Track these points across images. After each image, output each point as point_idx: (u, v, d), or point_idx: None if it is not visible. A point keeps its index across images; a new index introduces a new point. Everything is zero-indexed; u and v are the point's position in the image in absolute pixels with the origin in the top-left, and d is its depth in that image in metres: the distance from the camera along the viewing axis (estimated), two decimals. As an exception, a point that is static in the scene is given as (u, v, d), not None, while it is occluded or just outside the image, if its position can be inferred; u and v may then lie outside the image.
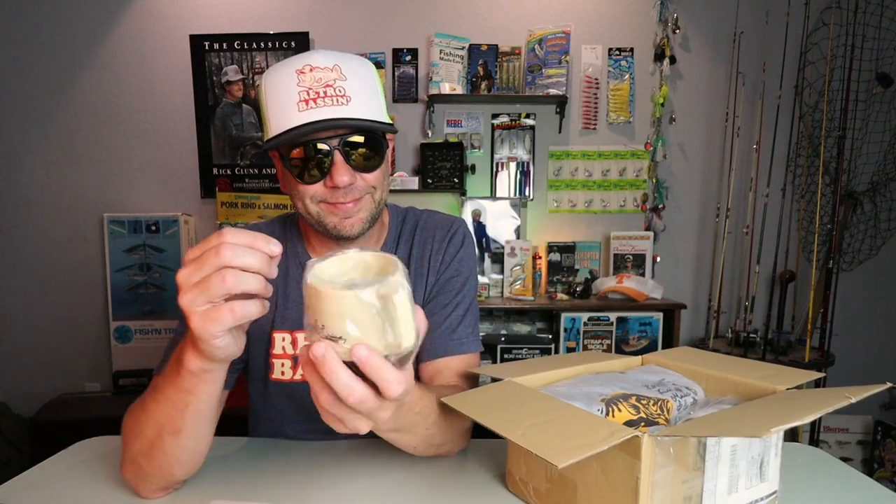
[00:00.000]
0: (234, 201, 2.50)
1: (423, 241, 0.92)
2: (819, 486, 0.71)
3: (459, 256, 0.91)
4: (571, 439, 0.51)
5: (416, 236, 0.93)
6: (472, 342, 0.89)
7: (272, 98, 0.74)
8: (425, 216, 0.96)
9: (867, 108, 2.43)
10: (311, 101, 0.71)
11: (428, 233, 0.93)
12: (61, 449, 0.84)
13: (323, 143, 0.73)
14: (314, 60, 0.73)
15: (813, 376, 0.70)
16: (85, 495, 0.71)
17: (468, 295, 0.91)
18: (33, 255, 2.60)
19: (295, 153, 0.74)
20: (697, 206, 2.63)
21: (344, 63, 0.74)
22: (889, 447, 2.44)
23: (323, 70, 0.72)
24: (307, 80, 0.72)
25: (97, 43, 2.54)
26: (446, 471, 0.76)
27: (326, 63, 0.73)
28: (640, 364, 0.83)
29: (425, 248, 0.92)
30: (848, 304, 2.53)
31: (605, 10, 2.54)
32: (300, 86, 0.71)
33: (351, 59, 0.76)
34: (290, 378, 0.87)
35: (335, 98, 0.71)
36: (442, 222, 0.94)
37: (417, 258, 0.91)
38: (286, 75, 0.73)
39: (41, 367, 2.61)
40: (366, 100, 0.74)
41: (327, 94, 0.71)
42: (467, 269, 0.92)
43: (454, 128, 2.59)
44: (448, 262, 0.91)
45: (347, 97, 0.72)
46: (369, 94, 0.75)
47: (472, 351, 0.89)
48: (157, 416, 0.63)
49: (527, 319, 2.41)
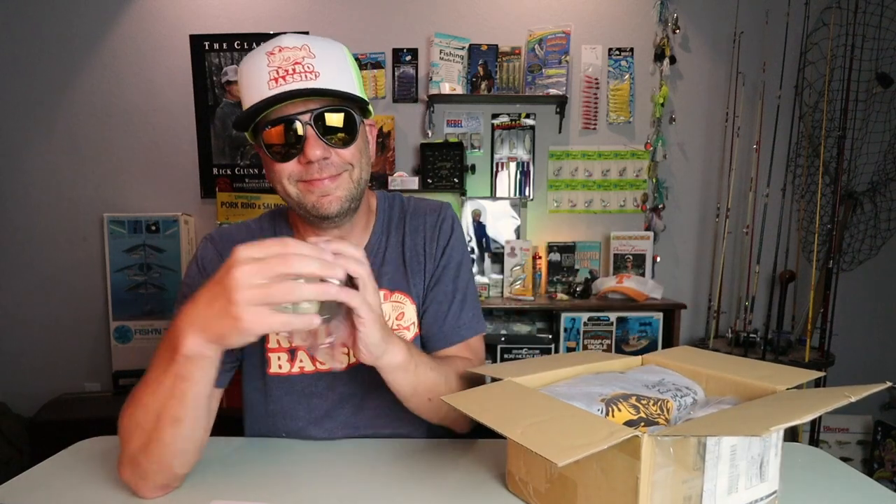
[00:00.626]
0: (234, 201, 2.50)
1: (414, 230, 0.93)
2: (819, 486, 0.71)
3: (451, 242, 0.93)
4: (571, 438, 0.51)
5: (407, 224, 0.94)
6: (478, 323, 0.94)
7: (245, 83, 0.76)
8: (412, 203, 0.97)
9: (867, 108, 2.43)
10: (281, 79, 0.72)
11: (418, 220, 0.94)
12: (61, 449, 0.84)
13: (295, 119, 0.74)
14: (283, 42, 0.74)
15: (813, 375, 0.70)
16: (85, 495, 0.71)
17: (464, 278, 0.94)
18: (33, 255, 2.60)
19: (269, 133, 0.75)
20: (697, 206, 2.63)
21: (313, 43, 0.75)
22: (889, 447, 2.44)
23: (292, 49, 0.74)
24: (276, 60, 0.73)
25: (97, 43, 2.54)
26: (446, 471, 0.76)
27: (295, 43, 0.74)
28: (640, 364, 0.83)
29: (417, 237, 0.93)
30: (848, 304, 2.53)
31: (605, 10, 2.54)
32: (270, 66, 0.73)
33: (321, 40, 0.77)
34: (287, 371, 0.87)
35: (304, 73, 0.73)
36: (430, 209, 0.96)
37: (411, 248, 0.92)
38: (257, 58, 0.75)
39: (41, 367, 2.61)
40: (335, 75, 0.75)
41: (296, 71, 0.73)
42: (459, 252, 0.94)
43: (454, 128, 2.59)
44: (442, 248, 0.93)
45: (316, 72, 0.73)
46: (339, 70, 0.76)
47: (479, 332, 0.94)
48: (154, 406, 0.64)
49: (527, 319, 2.41)
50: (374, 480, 0.74)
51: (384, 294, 0.90)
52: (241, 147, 2.59)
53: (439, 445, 0.85)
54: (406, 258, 0.92)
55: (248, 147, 2.59)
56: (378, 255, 0.91)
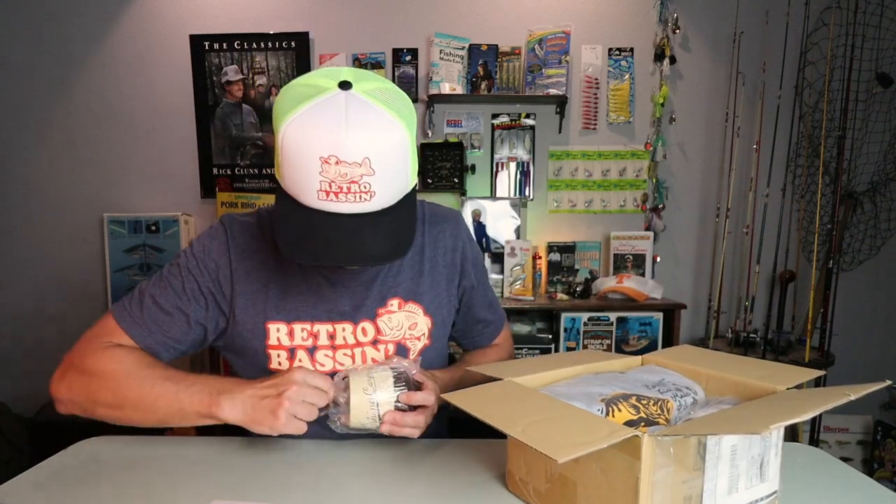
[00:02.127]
0: (234, 201, 2.50)
1: (434, 239, 0.94)
2: (819, 486, 0.71)
3: (470, 245, 0.99)
4: (571, 437, 0.51)
5: (426, 233, 0.94)
6: (500, 317, 1.07)
7: (289, 162, 0.68)
8: (428, 209, 0.97)
9: (867, 108, 2.43)
10: (333, 194, 0.66)
11: (437, 229, 0.95)
12: (61, 449, 0.84)
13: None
14: (342, 154, 0.65)
15: (813, 374, 0.70)
16: (85, 495, 0.71)
17: (484, 273, 1.03)
18: (33, 255, 2.60)
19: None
20: (697, 206, 2.63)
21: (374, 155, 0.66)
22: (889, 447, 2.44)
23: (350, 166, 0.65)
24: (331, 172, 0.65)
25: (97, 43, 2.53)
26: (446, 471, 0.76)
27: (355, 158, 0.65)
28: (640, 364, 0.83)
29: (438, 248, 0.94)
30: (848, 304, 2.53)
31: (605, 10, 2.54)
32: (322, 175, 0.65)
33: (385, 143, 0.67)
34: (287, 368, 0.87)
35: (359, 194, 0.67)
36: (446, 216, 0.98)
37: (431, 258, 0.93)
38: (308, 152, 0.65)
39: (41, 367, 2.58)
40: (392, 189, 0.70)
41: (350, 190, 0.66)
42: (475, 251, 1.00)
43: (454, 128, 2.59)
44: (465, 253, 0.97)
45: (371, 192, 0.67)
46: (396, 177, 0.70)
47: (503, 321, 1.08)
48: (151, 403, 0.76)
49: (527, 319, 2.41)
50: (374, 480, 0.74)
51: (398, 303, 0.89)
52: (241, 147, 2.59)
53: (439, 445, 0.85)
54: (425, 268, 0.91)
55: (248, 147, 2.59)
56: (394, 263, 0.90)
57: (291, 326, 0.86)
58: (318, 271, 0.87)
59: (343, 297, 0.87)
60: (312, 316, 0.86)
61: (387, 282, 0.89)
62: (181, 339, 0.84)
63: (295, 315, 0.86)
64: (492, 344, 1.06)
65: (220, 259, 0.85)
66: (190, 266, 0.84)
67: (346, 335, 0.87)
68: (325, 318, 0.86)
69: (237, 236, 0.86)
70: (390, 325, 0.88)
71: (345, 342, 0.87)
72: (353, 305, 0.87)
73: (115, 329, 0.82)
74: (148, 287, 0.84)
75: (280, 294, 0.86)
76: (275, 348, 0.86)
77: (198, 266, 0.84)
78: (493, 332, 1.06)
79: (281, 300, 0.86)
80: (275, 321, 0.85)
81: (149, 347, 0.82)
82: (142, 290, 0.84)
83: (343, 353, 0.87)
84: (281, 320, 0.85)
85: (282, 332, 0.85)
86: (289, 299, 0.86)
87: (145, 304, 0.83)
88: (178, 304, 0.83)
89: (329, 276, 0.87)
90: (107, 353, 0.80)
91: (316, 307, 0.86)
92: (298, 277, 0.86)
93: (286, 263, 0.86)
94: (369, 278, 0.88)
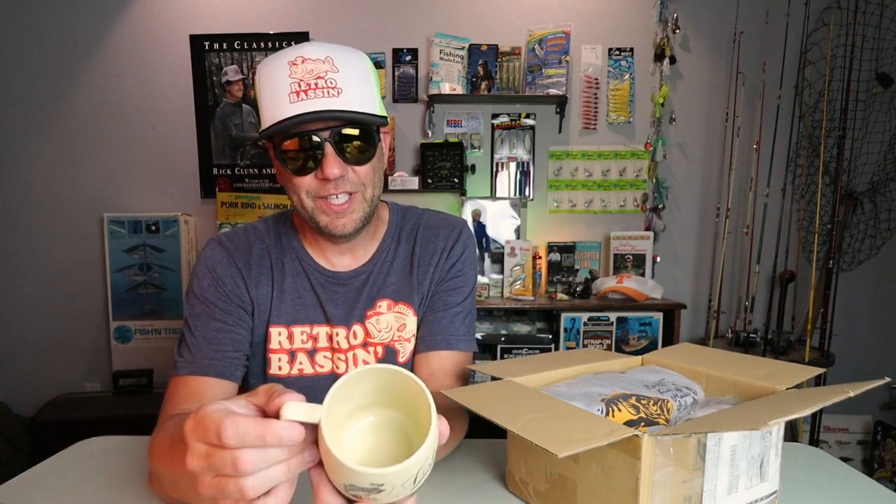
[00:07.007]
0: (234, 201, 2.50)
1: (425, 241, 0.92)
2: (819, 486, 0.71)
3: (463, 258, 0.92)
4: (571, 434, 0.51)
5: (419, 235, 0.92)
6: (468, 341, 0.91)
7: (265, 90, 0.75)
8: (427, 215, 0.96)
9: (867, 108, 2.43)
10: (302, 93, 0.71)
11: (431, 232, 0.93)
12: (61, 449, 0.84)
13: (314, 134, 0.74)
14: (306, 52, 0.73)
15: (813, 372, 0.70)
16: (85, 495, 0.71)
17: (469, 298, 0.92)
18: (33, 254, 2.60)
19: (287, 145, 0.75)
20: (697, 206, 2.63)
21: (336, 55, 0.74)
22: (889, 447, 2.44)
23: (315, 62, 0.73)
24: (298, 72, 0.72)
25: (97, 43, 2.54)
26: (446, 471, 0.76)
27: (318, 55, 0.73)
28: (640, 364, 0.83)
29: (426, 249, 0.91)
30: (848, 304, 2.53)
31: (605, 10, 2.54)
32: (291, 77, 0.72)
33: (345, 50, 0.76)
34: (286, 373, 0.87)
35: (326, 90, 0.72)
36: (445, 223, 0.94)
37: (420, 257, 0.91)
38: (279, 67, 0.73)
39: (41, 367, 2.61)
40: (357, 91, 0.74)
41: (318, 86, 0.72)
42: (470, 270, 0.93)
43: (454, 128, 2.59)
44: (452, 263, 0.91)
45: (338, 88, 0.73)
46: (361, 85, 0.75)
47: (467, 349, 0.91)
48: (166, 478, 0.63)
49: (527, 319, 2.41)
50: (374, 480, 0.74)
51: (388, 304, 0.89)
52: (241, 147, 2.59)
53: (439, 445, 0.85)
54: (413, 268, 0.91)
55: (248, 147, 2.59)
56: (385, 264, 0.90)
57: (291, 330, 0.86)
58: (314, 276, 0.88)
59: (337, 300, 0.88)
60: (311, 318, 0.87)
61: (376, 283, 0.89)
62: (239, 346, 0.83)
63: (294, 318, 0.86)
64: (431, 357, 0.88)
65: (229, 270, 0.85)
66: (207, 293, 0.83)
67: (339, 339, 0.87)
68: (323, 321, 0.87)
69: (232, 249, 0.87)
70: (378, 326, 0.88)
71: (339, 346, 0.87)
72: (346, 309, 0.88)
73: (177, 385, 0.79)
74: (183, 336, 0.83)
75: (280, 298, 0.87)
76: (275, 352, 0.86)
77: (213, 286, 0.83)
78: (440, 339, 0.88)
79: (280, 304, 0.87)
80: (276, 325, 0.86)
81: (219, 374, 0.80)
82: (181, 342, 0.83)
83: (338, 356, 0.88)
84: (282, 324, 0.86)
85: (283, 336, 0.86)
86: (286, 302, 0.87)
87: (190, 344, 0.81)
88: (216, 326, 0.82)
89: (324, 280, 0.88)
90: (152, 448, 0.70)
91: (313, 310, 0.87)
92: (295, 282, 0.87)
93: (284, 269, 0.87)
94: (361, 282, 0.89)
